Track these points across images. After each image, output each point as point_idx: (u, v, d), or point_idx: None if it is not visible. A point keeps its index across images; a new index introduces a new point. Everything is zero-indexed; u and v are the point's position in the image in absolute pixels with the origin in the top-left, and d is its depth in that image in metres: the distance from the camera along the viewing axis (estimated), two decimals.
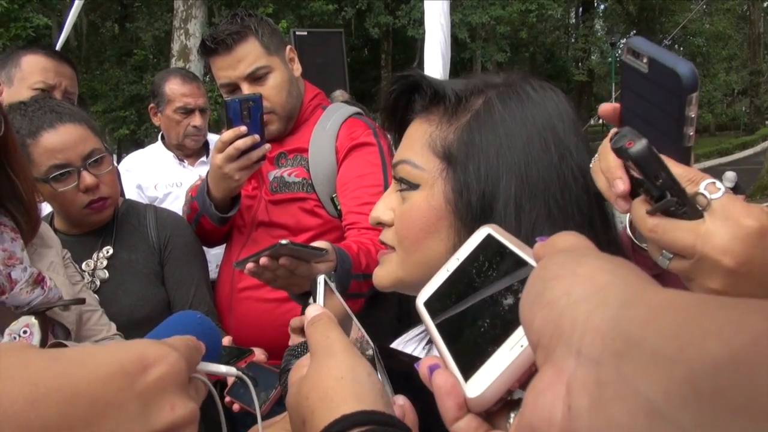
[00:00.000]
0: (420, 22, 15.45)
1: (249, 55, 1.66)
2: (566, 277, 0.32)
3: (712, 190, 0.59)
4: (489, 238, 0.49)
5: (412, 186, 0.78)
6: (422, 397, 0.48)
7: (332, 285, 0.69)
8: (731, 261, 0.56)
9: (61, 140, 1.45)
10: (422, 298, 0.51)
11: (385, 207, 0.83)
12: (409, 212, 0.78)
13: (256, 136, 1.48)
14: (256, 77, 1.67)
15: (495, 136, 0.74)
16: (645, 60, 0.60)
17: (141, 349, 0.44)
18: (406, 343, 0.92)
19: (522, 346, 0.37)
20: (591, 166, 0.69)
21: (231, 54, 1.65)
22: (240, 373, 0.62)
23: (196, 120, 2.55)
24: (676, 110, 0.58)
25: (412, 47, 19.10)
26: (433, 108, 0.80)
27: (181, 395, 0.45)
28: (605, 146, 0.65)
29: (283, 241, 1.08)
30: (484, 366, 0.39)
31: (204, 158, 2.61)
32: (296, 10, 15.75)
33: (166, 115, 2.55)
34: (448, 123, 0.77)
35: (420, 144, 0.78)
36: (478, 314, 0.43)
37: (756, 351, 0.21)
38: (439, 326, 0.46)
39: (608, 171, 0.64)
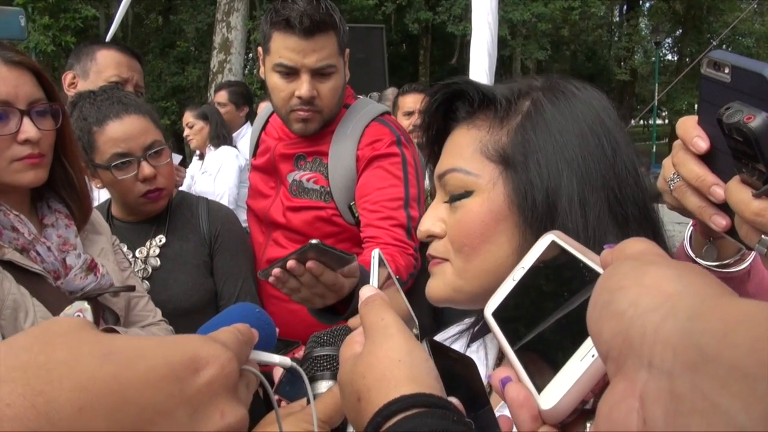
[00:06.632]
0: (460, 18, 15.33)
1: (325, 49, 1.59)
2: (632, 287, 0.32)
3: None
4: (553, 245, 0.48)
5: (464, 194, 0.77)
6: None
7: (385, 260, 0.68)
8: None
9: (125, 130, 1.49)
10: (490, 308, 0.51)
11: (434, 219, 0.82)
12: (465, 219, 0.77)
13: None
14: (321, 73, 1.61)
15: (549, 134, 0.74)
16: (727, 69, 0.58)
17: (193, 349, 0.42)
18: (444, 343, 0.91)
19: (593, 356, 0.37)
20: (671, 186, 0.65)
21: (309, 40, 1.56)
22: (293, 364, 0.61)
23: None
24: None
25: (451, 43, 18.96)
26: (479, 114, 0.80)
27: (231, 401, 0.43)
28: (684, 159, 0.62)
29: (314, 241, 1.06)
30: (557, 377, 0.39)
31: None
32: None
33: None
34: (499, 127, 0.77)
35: (470, 151, 0.78)
36: (546, 324, 0.43)
37: None
38: (509, 337, 0.46)
39: (698, 179, 0.61)
